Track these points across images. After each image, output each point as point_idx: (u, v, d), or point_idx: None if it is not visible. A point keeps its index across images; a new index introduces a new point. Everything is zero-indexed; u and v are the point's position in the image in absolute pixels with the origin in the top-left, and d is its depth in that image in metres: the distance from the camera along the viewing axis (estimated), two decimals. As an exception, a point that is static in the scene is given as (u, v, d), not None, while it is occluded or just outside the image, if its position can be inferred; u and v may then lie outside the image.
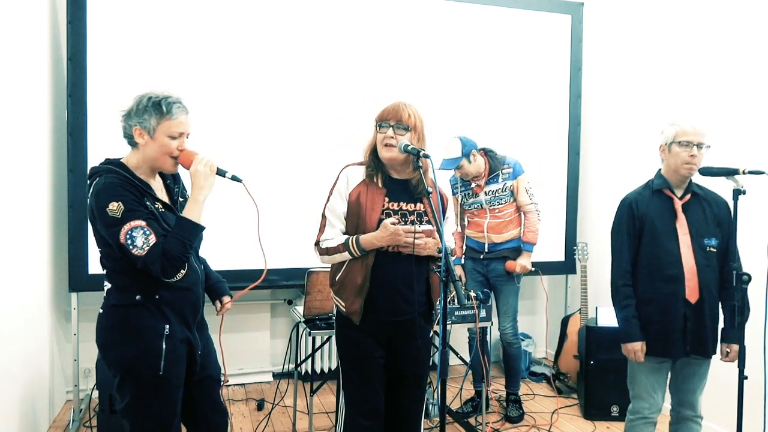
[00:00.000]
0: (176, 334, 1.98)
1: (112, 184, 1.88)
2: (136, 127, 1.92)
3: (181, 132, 1.96)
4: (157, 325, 1.94)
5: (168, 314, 1.96)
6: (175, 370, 1.99)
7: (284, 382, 3.97)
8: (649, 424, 2.52)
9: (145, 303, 1.94)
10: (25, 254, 3.06)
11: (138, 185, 1.93)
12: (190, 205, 1.95)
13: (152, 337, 1.94)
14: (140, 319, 1.94)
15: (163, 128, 1.92)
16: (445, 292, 2.19)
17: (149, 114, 1.91)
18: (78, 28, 3.46)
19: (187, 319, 2.03)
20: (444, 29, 4.22)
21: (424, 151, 2.19)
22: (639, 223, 2.50)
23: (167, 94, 1.95)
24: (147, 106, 1.91)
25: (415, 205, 2.31)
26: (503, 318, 3.67)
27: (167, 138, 1.93)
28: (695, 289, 2.41)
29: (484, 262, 3.66)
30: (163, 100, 1.92)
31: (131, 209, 1.85)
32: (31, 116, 3.20)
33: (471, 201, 3.66)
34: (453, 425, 3.61)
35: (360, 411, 2.32)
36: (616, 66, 4.35)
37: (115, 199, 1.85)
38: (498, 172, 3.57)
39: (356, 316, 2.26)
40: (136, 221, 1.84)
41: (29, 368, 3.09)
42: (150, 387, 1.96)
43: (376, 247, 2.21)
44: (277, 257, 3.84)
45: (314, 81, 3.95)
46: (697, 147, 2.39)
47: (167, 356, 1.95)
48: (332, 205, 2.30)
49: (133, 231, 1.83)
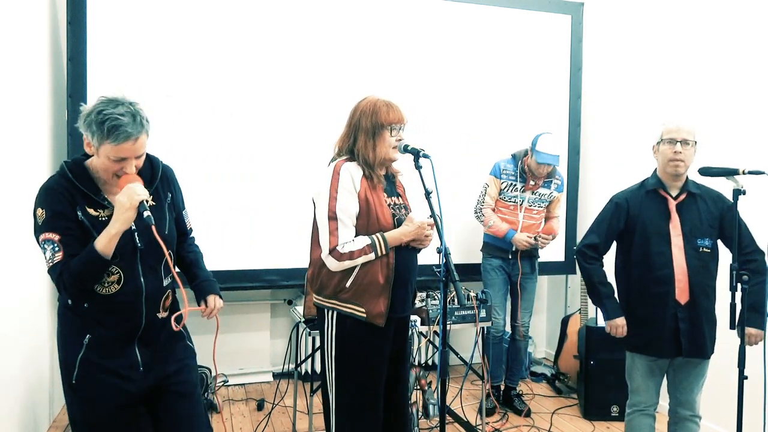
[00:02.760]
0: (98, 347, 1.87)
1: (48, 189, 1.81)
2: (85, 136, 1.79)
3: (124, 158, 1.78)
4: (79, 332, 1.87)
5: (93, 325, 1.87)
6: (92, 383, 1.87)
7: (284, 382, 3.97)
8: (647, 417, 2.55)
9: (73, 309, 1.88)
10: (25, 254, 3.06)
11: (80, 191, 1.81)
12: (102, 235, 1.77)
13: (72, 342, 1.88)
14: (67, 323, 1.91)
15: (105, 150, 1.75)
16: (445, 292, 2.19)
17: (92, 131, 1.75)
18: (78, 28, 3.46)
19: (118, 332, 1.89)
20: (444, 29, 4.21)
21: (424, 150, 2.20)
22: (631, 223, 2.52)
23: (120, 112, 1.73)
24: (93, 122, 1.74)
25: (398, 198, 2.37)
26: (524, 313, 3.79)
27: (107, 160, 1.78)
28: (685, 290, 2.42)
29: (511, 261, 3.71)
30: (108, 122, 1.71)
31: (50, 221, 1.78)
32: (31, 116, 3.20)
33: (514, 195, 3.68)
34: (453, 425, 3.61)
35: (363, 421, 2.24)
36: (616, 66, 4.35)
37: (41, 205, 1.79)
38: (552, 179, 3.71)
39: (381, 318, 2.19)
40: (50, 233, 1.77)
41: (29, 368, 3.08)
42: (69, 394, 1.92)
43: (401, 243, 2.22)
44: (277, 257, 3.84)
45: (314, 81, 3.94)
46: (682, 143, 2.41)
47: (81, 366, 1.86)
48: (343, 205, 2.18)
49: (45, 243, 1.78)
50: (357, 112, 2.30)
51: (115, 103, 1.75)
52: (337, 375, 2.25)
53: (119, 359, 1.90)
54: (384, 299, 2.19)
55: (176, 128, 3.67)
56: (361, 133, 2.25)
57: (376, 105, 2.26)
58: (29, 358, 3.09)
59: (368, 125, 2.24)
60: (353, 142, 2.28)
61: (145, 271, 1.91)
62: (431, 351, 4.32)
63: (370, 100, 2.29)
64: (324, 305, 2.27)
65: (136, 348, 1.93)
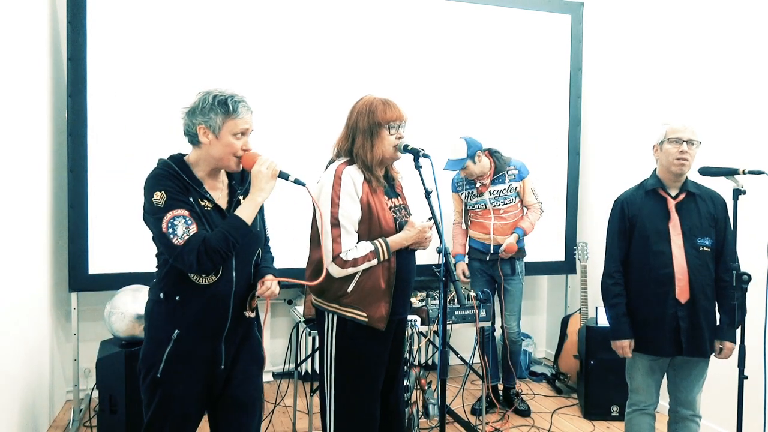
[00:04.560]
0: (186, 341, 1.89)
1: (158, 175, 1.86)
2: (201, 125, 1.87)
3: (246, 129, 1.91)
4: (168, 327, 1.89)
5: (183, 319, 1.89)
6: (177, 379, 1.90)
7: (284, 382, 3.97)
8: (647, 416, 2.56)
9: (166, 302, 1.90)
10: (26, 254, 3.06)
11: (186, 181, 1.88)
12: (246, 204, 1.90)
13: (160, 337, 1.90)
14: (157, 317, 1.92)
15: (229, 127, 1.87)
16: (445, 292, 2.19)
17: (215, 112, 1.86)
18: (78, 28, 3.46)
19: (206, 329, 1.92)
20: (444, 29, 4.21)
21: (424, 150, 2.19)
22: (630, 224, 2.53)
23: (233, 92, 1.90)
24: (213, 105, 1.86)
25: (398, 199, 2.35)
26: (510, 317, 3.73)
27: (232, 137, 1.88)
28: (686, 289, 2.42)
29: (489, 263, 3.71)
30: (230, 99, 1.87)
31: (174, 198, 1.82)
32: (31, 116, 3.20)
33: (475, 200, 3.69)
34: (453, 425, 3.61)
35: (361, 422, 2.24)
36: (616, 66, 4.35)
37: (158, 188, 1.83)
38: (503, 173, 3.64)
39: (382, 322, 2.19)
40: (178, 210, 1.81)
41: (29, 368, 3.08)
42: (150, 389, 1.91)
43: (403, 247, 2.23)
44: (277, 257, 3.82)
45: (314, 81, 3.94)
46: (688, 143, 2.41)
47: (169, 360, 1.88)
48: (346, 211, 2.17)
49: (175, 219, 1.80)
50: (354, 112, 2.27)
51: (218, 89, 1.90)
52: (336, 376, 2.25)
53: (206, 355, 1.94)
54: (385, 303, 2.20)
55: (175, 129, 3.66)
56: (359, 134, 2.23)
57: (373, 104, 2.23)
58: (29, 358, 3.09)
59: (365, 125, 2.21)
60: (351, 143, 2.25)
61: (238, 265, 1.95)
62: (431, 351, 4.31)
63: (367, 100, 2.26)
64: (324, 308, 2.26)
65: (222, 345, 1.97)
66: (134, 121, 3.59)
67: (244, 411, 2.04)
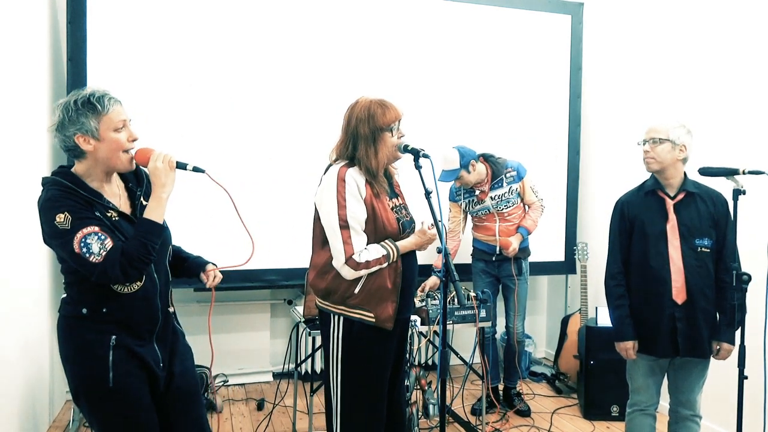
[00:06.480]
0: (125, 345, 1.85)
1: (53, 197, 1.76)
2: (78, 134, 1.77)
3: (123, 121, 1.83)
4: (102, 338, 1.82)
5: (115, 327, 1.84)
6: (130, 382, 1.85)
7: (284, 382, 3.97)
8: (647, 416, 2.56)
9: (91, 317, 1.83)
10: (25, 254, 3.06)
11: (85, 196, 1.79)
12: (152, 204, 1.84)
13: (97, 349, 1.82)
14: (84, 333, 1.85)
15: (106, 124, 1.79)
16: (445, 292, 2.20)
17: (85, 116, 1.76)
18: (78, 28, 3.46)
19: (140, 331, 1.89)
20: (444, 29, 4.21)
21: (424, 150, 2.19)
22: (630, 225, 2.55)
23: (91, 90, 1.81)
24: (79, 109, 1.76)
25: (398, 199, 2.35)
26: (518, 318, 3.74)
27: (113, 133, 1.81)
28: (682, 290, 2.43)
29: (495, 263, 3.71)
30: (92, 97, 1.78)
31: (80, 217, 1.73)
32: (31, 116, 3.20)
33: (478, 208, 3.69)
34: (453, 425, 3.61)
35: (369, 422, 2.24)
36: (616, 66, 4.35)
37: (59, 210, 1.73)
38: (501, 177, 3.63)
39: (390, 321, 2.20)
40: (88, 228, 1.73)
41: (29, 368, 3.09)
42: (107, 404, 1.84)
43: (410, 250, 2.26)
44: (277, 257, 3.84)
45: (314, 82, 3.94)
46: (650, 143, 2.48)
47: (116, 366, 1.82)
48: (354, 213, 2.15)
49: (87, 238, 1.72)
50: (352, 119, 2.22)
51: (74, 95, 1.80)
52: (343, 378, 2.24)
53: (144, 357, 1.90)
54: (392, 303, 2.21)
55: (175, 129, 3.67)
56: (361, 141, 2.19)
57: (371, 109, 2.19)
58: (29, 358, 3.09)
59: (367, 132, 2.18)
60: (353, 150, 2.21)
61: (157, 265, 1.94)
62: (431, 351, 4.31)
63: (363, 104, 2.22)
64: (331, 310, 2.26)
65: (155, 345, 1.95)
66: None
67: (192, 400, 2.04)
